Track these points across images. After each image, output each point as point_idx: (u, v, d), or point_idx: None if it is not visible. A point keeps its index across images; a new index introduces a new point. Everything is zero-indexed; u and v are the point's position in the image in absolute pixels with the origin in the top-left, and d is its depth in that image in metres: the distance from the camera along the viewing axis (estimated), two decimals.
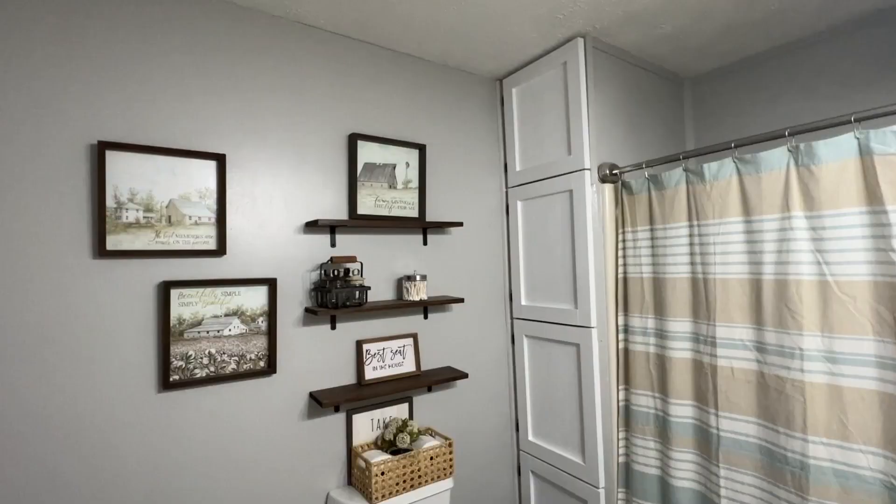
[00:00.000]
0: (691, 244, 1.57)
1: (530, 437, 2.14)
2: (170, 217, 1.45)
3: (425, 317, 2.00)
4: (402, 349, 1.91)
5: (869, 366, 1.19)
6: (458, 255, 2.10)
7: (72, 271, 1.32)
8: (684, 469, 1.59)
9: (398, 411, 1.89)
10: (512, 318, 2.24)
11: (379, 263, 1.88)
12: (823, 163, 1.23)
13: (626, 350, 1.80)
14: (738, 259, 1.44)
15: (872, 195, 1.16)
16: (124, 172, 1.38)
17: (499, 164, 2.27)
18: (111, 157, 1.36)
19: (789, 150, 1.31)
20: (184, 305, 1.46)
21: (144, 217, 1.41)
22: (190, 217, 1.48)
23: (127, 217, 1.38)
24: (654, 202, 1.68)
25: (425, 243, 2.01)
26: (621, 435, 1.81)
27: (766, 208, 1.36)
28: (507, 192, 2.26)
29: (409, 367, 1.91)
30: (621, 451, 1.81)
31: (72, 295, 1.32)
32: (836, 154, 1.22)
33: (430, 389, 2.00)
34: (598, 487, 1.80)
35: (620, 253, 1.83)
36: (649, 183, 1.70)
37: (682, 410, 1.60)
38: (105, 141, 1.34)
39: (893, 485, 1.14)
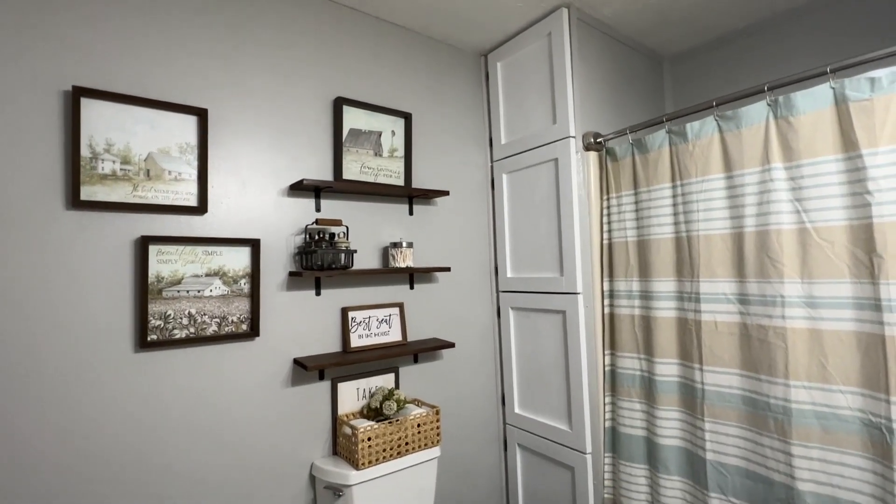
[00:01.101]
0: (675, 204, 1.60)
1: (516, 410, 2.13)
2: (148, 171, 1.40)
3: (411, 287, 1.98)
4: (388, 318, 1.88)
5: (846, 308, 1.22)
6: (444, 227, 2.09)
7: (44, 222, 1.26)
8: (670, 427, 1.61)
9: (384, 381, 1.86)
10: (497, 291, 2.24)
11: (365, 232, 1.85)
12: (801, 113, 1.27)
13: (612, 315, 1.82)
14: (720, 215, 1.47)
15: (848, 141, 1.20)
16: (100, 122, 1.33)
17: (484, 139, 2.27)
18: (86, 104, 1.31)
19: (768, 105, 1.35)
20: (163, 263, 1.41)
21: (121, 169, 1.36)
22: (169, 172, 1.44)
23: (103, 168, 1.33)
24: (638, 166, 1.71)
25: (411, 213, 1.99)
26: (607, 399, 1.82)
27: (746, 162, 1.40)
28: (492, 167, 2.26)
29: (395, 336, 1.89)
30: (607, 415, 1.82)
31: (44, 247, 1.26)
32: (812, 104, 1.26)
33: (416, 361, 1.97)
34: (584, 453, 1.81)
35: (605, 219, 1.86)
36: (633, 148, 1.73)
37: (668, 369, 1.62)
38: (80, 87, 1.29)
39: (871, 421, 1.18)
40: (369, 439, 1.59)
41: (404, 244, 1.83)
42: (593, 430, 1.81)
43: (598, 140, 1.86)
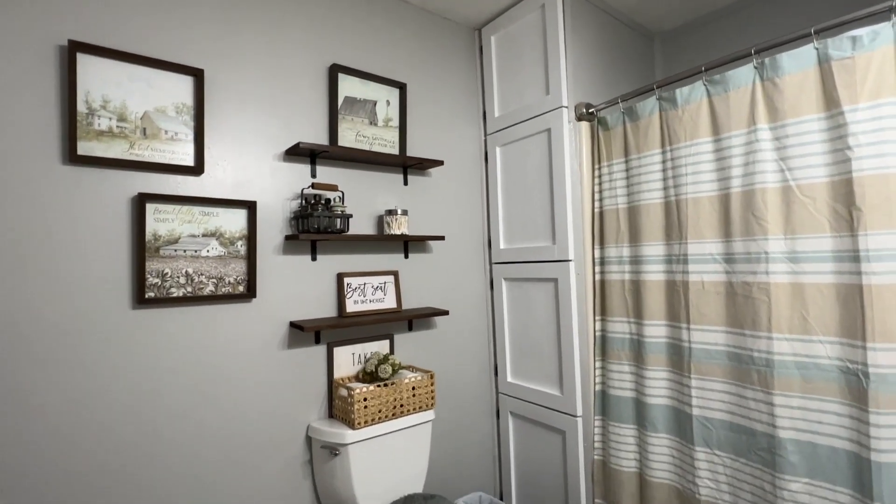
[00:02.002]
0: (664, 169, 1.64)
1: (509, 379, 2.17)
2: (145, 129, 1.41)
3: (406, 256, 2.00)
4: (382, 286, 1.90)
5: (826, 261, 1.27)
6: (438, 198, 2.12)
7: (41, 176, 1.26)
8: (658, 387, 1.66)
9: (379, 347, 1.89)
10: (490, 263, 2.27)
11: (360, 200, 1.87)
12: (787, 73, 1.31)
13: (603, 281, 1.86)
14: (708, 178, 1.51)
15: (830, 100, 1.24)
16: (96, 78, 1.33)
17: (477, 113, 2.29)
18: (82, 60, 1.31)
19: (755, 67, 1.38)
20: (159, 222, 1.42)
21: (118, 126, 1.37)
22: (166, 132, 1.44)
23: (99, 125, 1.34)
24: (629, 133, 1.75)
25: (406, 183, 2.02)
26: (598, 364, 1.86)
27: (733, 125, 1.44)
28: (485, 140, 2.29)
29: (390, 303, 1.91)
30: (598, 379, 1.86)
31: (41, 201, 1.26)
32: (798, 65, 1.30)
33: (410, 328, 2.00)
34: (575, 416, 1.85)
35: (597, 188, 1.89)
36: (624, 116, 1.77)
37: (656, 331, 1.66)
38: (76, 41, 1.29)
39: (849, 368, 1.23)
40: (365, 400, 1.61)
41: (399, 211, 1.85)
42: (584, 394, 1.86)
43: (590, 110, 1.89)
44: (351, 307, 1.80)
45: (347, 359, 1.81)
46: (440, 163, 1.98)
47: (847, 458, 1.24)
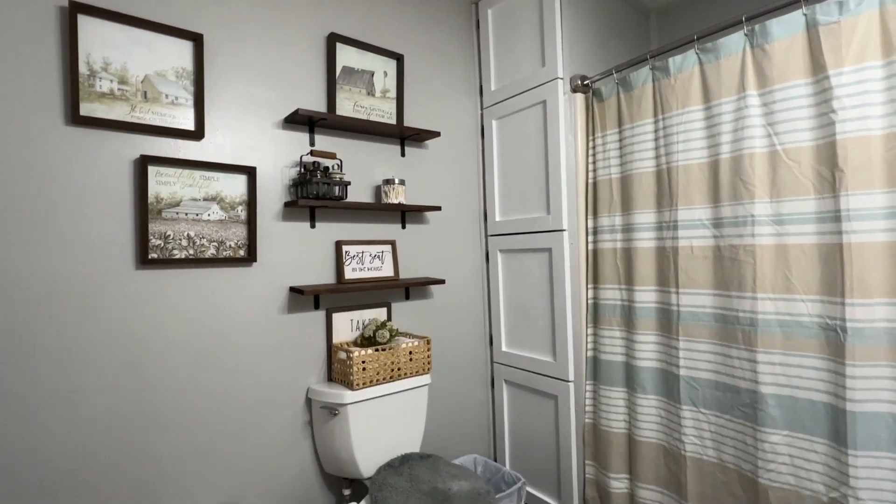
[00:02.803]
0: (656, 138, 1.67)
1: (503, 349, 2.23)
2: (145, 93, 1.43)
3: (403, 226, 2.04)
4: (380, 254, 1.94)
5: (810, 223, 1.32)
6: (434, 170, 2.14)
7: (45, 137, 1.28)
8: (647, 350, 1.71)
9: (377, 314, 1.94)
10: (486, 236, 2.31)
11: (358, 171, 1.90)
12: (776, 39, 1.34)
13: (595, 251, 1.90)
14: (698, 145, 1.55)
15: (817, 64, 1.28)
16: (97, 40, 1.35)
17: (474, 86, 2.31)
18: (83, 21, 1.32)
19: (745, 35, 1.42)
20: (161, 184, 1.45)
21: (119, 89, 1.38)
22: (167, 96, 1.46)
23: (101, 87, 1.35)
24: (623, 104, 1.78)
25: (403, 155, 2.04)
26: (590, 331, 1.92)
27: (724, 92, 1.47)
28: (482, 114, 2.31)
29: (387, 272, 1.95)
30: (589, 346, 1.92)
31: (45, 162, 1.29)
32: (786, 31, 1.33)
33: (407, 297, 2.05)
34: (567, 381, 1.91)
35: (591, 159, 1.93)
36: (618, 87, 1.79)
37: (646, 296, 1.71)
38: (76, 2, 1.30)
39: (828, 324, 1.28)
40: (364, 363, 1.66)
41: (396, 181, 1.88)
42: (576, 360, 1.91)
43: (585, 82, 1.91)
44: (349, 274, 1.84)
45: (346, 325, 1.85)
46: (437, 134, 2.01)
47: (824, 409, 1.30)
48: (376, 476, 1.61)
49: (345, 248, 1.84)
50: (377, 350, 1.70)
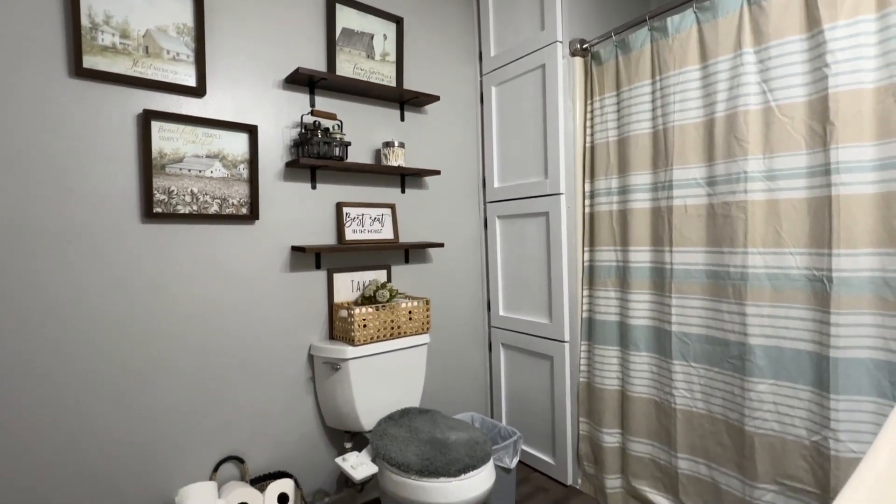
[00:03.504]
0: (653, 99, 1.69)
1: (501, 313, 2.28)
2: (147, 48, 1.44)
3: (402, 191, 2.06)
4: (380, 217, 1.97)
5: (801, 177, 1.35)
6: (434, 135, 2.16)
7: (50, 88, 1.30)
8: (641, 309, 1.76)
9: (377, 276, 1.97)
10: (485, 203, 2.34)
11: (357, 134, 1.91)
12: None
13: (592, 214, 1.93)
14: (694, 104, 1.57)
15: (812, 19, 1.29)
16: None
17: (473, 52, 2.31)
18: None
19: None
20: (164, 140, 1.47)
21: (121, 43, 1.39)
22: (168, 51, 1.47)
23: (103, 40, 1.36)
24: (621, 66, 1.79)
25: (402, 119, 2.06)
26: (585, 293, 1.96)
27: (720, 51, 1.48)
28: (481, 81, 2.32)
29: (387, 234, 1.98)
30: (585, 307, 1.96)
31: (51, 114, 1.30)
32: None
33: (407, 261, 2.08)
34: (563, 341, 1.96)
35: (588, 123, 1.94)
36: (617, 49, 1.80)
37: (641, 256, 1.75)
38: None
39: (815, 276, 1.32)
40: (364, 321, 1.71)
41: (396, 143, 1.90)
42: (571, 321, 1.96)
43: (584, 46, 1.92)
44: (350, 235, 1.87)
45: (346, 285, 1.89)
46: (436, 98, 2.02)
47: (809, 358, 1.35)
48: (377, 427, 1.66)
49: (345, 209, 1.87)
50: (377, 308, 1.74)
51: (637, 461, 1.77)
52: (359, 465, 1.53)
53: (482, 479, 1.42)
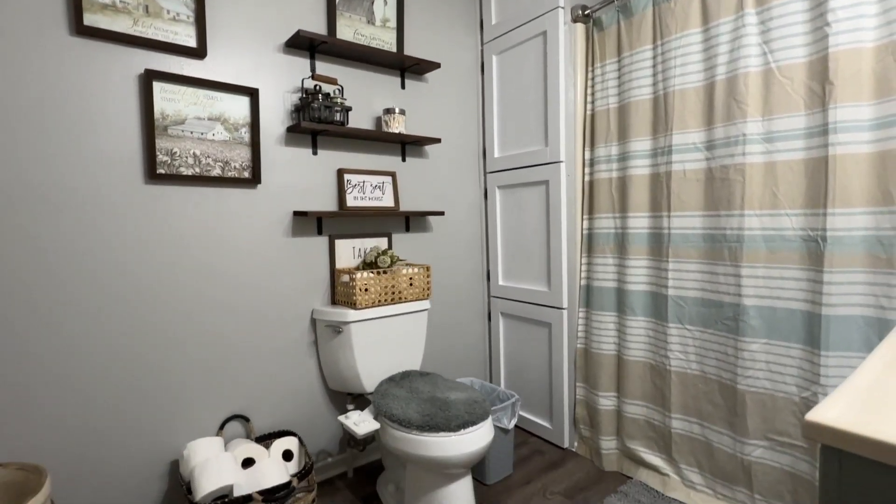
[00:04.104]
0: (654, 65, 1.69)
1: (500, 282, 2.30)
2: (147, 7, 1.43)
3: (403, 159, 2.07)
4: (381, 185, 1.98)
5: (799, 139, 1.36)
6: (434, 103, 2.16)
7: (52, 46, 1.30)
8: (638, 275, 1.78)
9: (378, 243, 1.99)
10: (485, 173, 2.34)
11: (358, 101, 1.91)
12: None
13: (592, 182, 1.94)
14: (695, 68, 1.57)
15: None
16: None
17: (475, 20, 2.30)
18: None
19: None
20: (166, 101, 1.47)
21: (121, 1, 1.39)
22: (168, 11, 1.47)
23: None
24: (623, 31, 1.78)
25: (403, 87, 2.05)
26: (584, 261, 1.98)
27: (723, 12, 1.48)
28: (482, 50, 2.30)
29: (388, 202, 2.00)
30: (583, 274, 1.99)
31: (52, 72, 1.31)
32: None
33: (407, 229, 2.10)
34: (561, 308, 1.99)
35: (589, 90, 1.94)
36: (619, 14, 1.79)
37: (639, 222, 1.77)
38: None
39: (809, 236, 1.35)
40: (366, 285, 1.73)
41: (397, 110, 1.90)
42: (569, 288, 1.99)
43: (586, 12, 1.91)
44: (351, 202, 1.88)
45: (348, 252, 1.91)
46: (437, 65, 2.01)
47: (801, 317, 1.38)
48: (378, 387, 1.70)
49: (346, 176, 1.88)
50: (379, 274, 1.77)
51: (632, 422, 1.82)
52: (361, 422, 1.58)
53: (481, 434, 1.46)
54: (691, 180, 1.60)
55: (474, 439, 1.44)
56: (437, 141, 2.03)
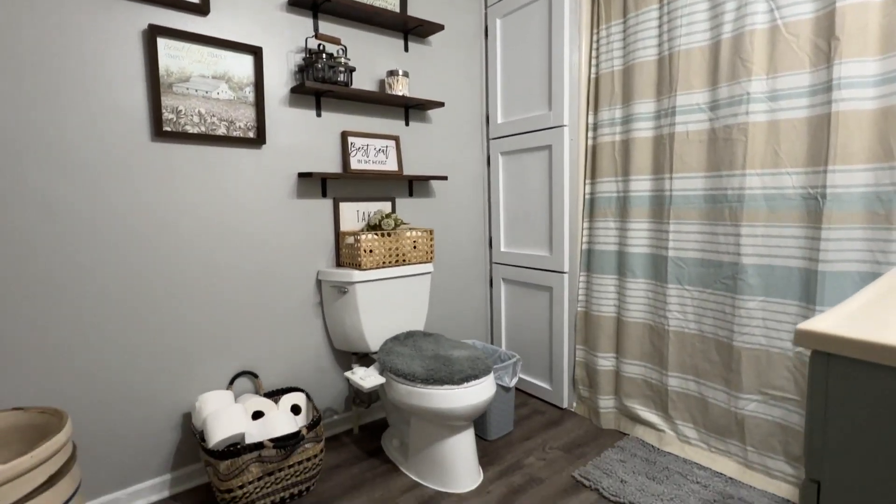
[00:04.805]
0: (660, 24, 1.68)
1: (502, 249, 2.33)
2: None
3: (407, 123, 2.07)
4: (385, 149, 1.99)
5: (802, 97, 1.36)
6: (438, 67, 2.14)
7: None
8: (639, 237, 1.81)
9: (382, 207, 2.01)
10: (488, 139, 2.34)
11: (361, 63, 1.90)
12: None
13: (595, 146, 1.95)
14: (701, 27, 1.56)
15: None
16: None
17: None
18: None
19: None
20: (171, 58, 1.47)
21: None
22: None
23: None
24: None
25: (406, 50, 2.04)
26: (585, 225, 2.00)
27: None
28: (486, 13, 2.28)
29: (391, 166, 2.01)
30: (585, 239, 2.01)
31: (56, 26, 1.30)
32: None
33: (411, 194, 2.11)
34: (562, 272, 2.02)
35: (594, 53, 1.93)
36: None
37: (641, 185, 1.78)
38: None
39: (809, 194, 1.36)
40: (371, 247, 1.76)
41: (401, 72, 1.89)
42: (571, 252, 2.01)
43: None
44: (355, 165, 1.89)
45: (352, 215, 1.93)
46: (440, 27, 1.99)
47: (798, 274, 1.40)
48: (383, 346, 1.75)
49: (350, 139, 1.88)
50: (383, 236, 1.79)
51: (629, 382, 1.86)
52: (367, 376, 1.62)
53: (484, 387, 1.51)
54: (694, 141, 1.61)
55: (477, 392, 1.49)
56: (441, 105, 2.03)
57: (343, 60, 1.72)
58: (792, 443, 1.45)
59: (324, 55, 1.68)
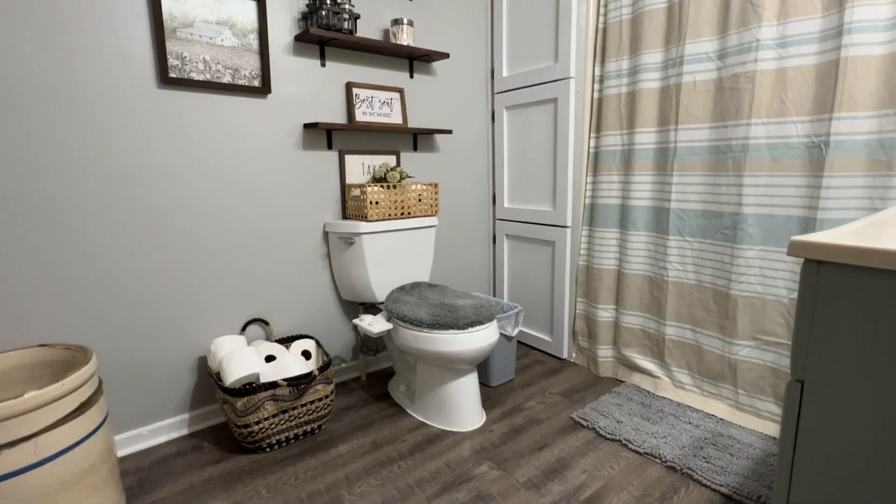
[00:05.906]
0: None
1: (506, 205, 2.35)
2: None
3: (411, 76, 2.05)
4: (389, 101, 1.98)
5: (812, 42, 1.35)
6: (443, 19, 2.10)
7: None
8: (642, 190, 1.82)
9: (387, 160, 2.02)
10: (493, 94, 2.32)
11: (367, 11, 1.87)
12: None
13: (600, 99, 1.94)
14: None
15: None
16: None
17: None
18: None
19: None
20: (174, 0, 1.45)
21: None
22: None
23: None
24: None
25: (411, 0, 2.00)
26: (589, 180, 2.02)
27: None
28: None
29: (396, 119, 2.00)
30: (588, 193, 2.03)
31: None
32: None
33: (415, 148, 2.12)
34: (565, 226, 2.05)
35: (603, 1, 1.89)
36: None
37: (646, 138, 1.79)
38: None
39: (813, 142, 1.38)
40: (376, 198, 1.78)
41: (405, 21, 1.86)
42: (574, 207, 2.04)
43: None
44: (360, 117, 1.89)
45: (357, 168, 1.94)
46: None
47: (798, 223, 1.43)
48: (390, 295, 1.80)
49: (355, 90, 1.87)
50: (388, 188, 1.81)
51: (628, 332, 1.93)
52: (374, 323, 1.68)
53: (487, 333, 1.57)
54: (700, 91, 1.61)
55: (481, 336, 1.55)
56: (446, 56, 2.00)
57: (347, 7, 1.70)
58: (781, 384, 1.51)
59: (328, 1, 1.65)
